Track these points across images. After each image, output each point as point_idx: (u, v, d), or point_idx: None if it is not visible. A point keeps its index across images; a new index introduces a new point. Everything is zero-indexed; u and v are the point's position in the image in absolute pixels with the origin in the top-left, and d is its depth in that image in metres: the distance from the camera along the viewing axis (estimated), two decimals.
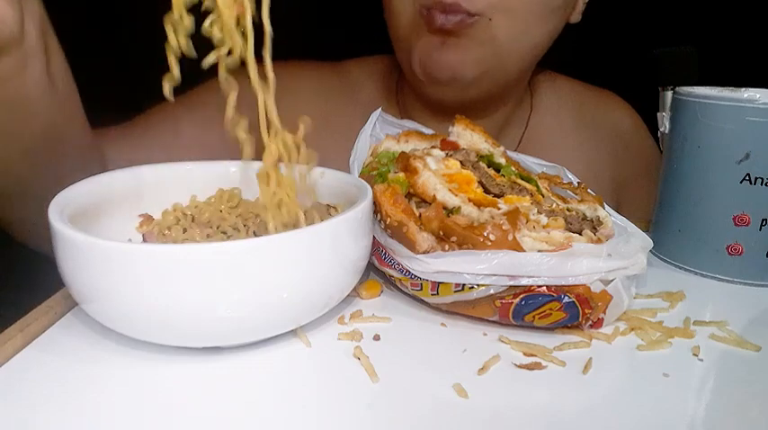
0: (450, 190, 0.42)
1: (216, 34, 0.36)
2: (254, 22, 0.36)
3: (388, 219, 0.40)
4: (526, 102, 0.75)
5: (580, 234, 0.41)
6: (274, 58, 0.36)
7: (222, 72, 0.36)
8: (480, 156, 0.48)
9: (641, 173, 0.76)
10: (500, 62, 0.61)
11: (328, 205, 0.45)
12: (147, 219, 0.44)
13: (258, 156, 0.39)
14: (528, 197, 0.44)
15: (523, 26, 0.59)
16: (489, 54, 0.59)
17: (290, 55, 0.75)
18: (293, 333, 0.38)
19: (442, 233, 0.39)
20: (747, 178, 0.46)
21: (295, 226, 0.40)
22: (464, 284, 0.38)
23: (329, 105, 0.72)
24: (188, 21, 0.35)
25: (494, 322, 0.40)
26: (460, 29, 0.57)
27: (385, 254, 0.42)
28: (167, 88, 0.35)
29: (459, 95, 0.64)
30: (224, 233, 0.43)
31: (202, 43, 0.36)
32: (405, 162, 0.43)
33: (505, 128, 0.73)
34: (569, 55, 0.72)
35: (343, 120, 0.70)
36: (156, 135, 0.65)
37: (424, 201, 0.42)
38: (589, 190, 0.47)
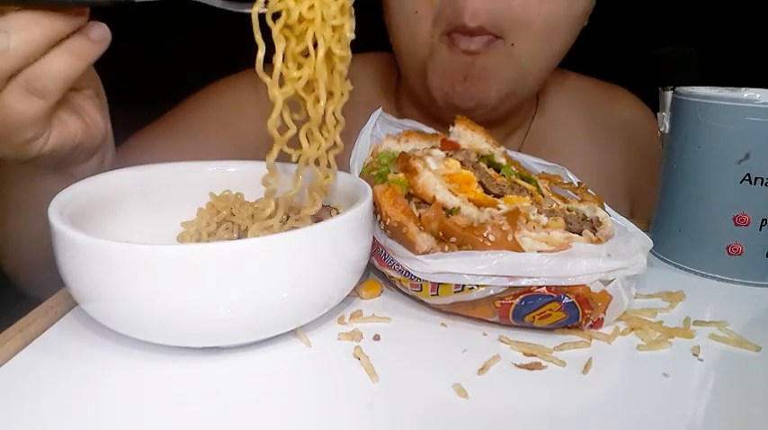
0: (449, 190, 0.42)
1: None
2: None
3: (388, 220, 0.40)
4: (532, 102, 0.73)
5: (580, 234, 0.41)
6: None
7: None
8: (480, 157, 0.48)
9: (656, 172, 0.74)
10: (523, 81, 0.61)
11: (329, 206, 0.45)
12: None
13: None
14: (528, 197, 0.44)
15: (546, 44, 0.59)
16: (512, 77, 0.59)
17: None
18: (293, 333, 0.38)
19: (441, 234, 0.39)
20: (747, 178, 0.46)
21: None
22: (464, 285, 0.38)
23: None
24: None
25: (494, 322, 0.40)
26: (485, 50, 0.56)
27: (385, 254, 0.42)
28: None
29: (478, 118, 0.59)
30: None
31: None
32: (405, 162, 0.43)
33: (510, 131, 0.72)
34: (569, 55, 0.71)
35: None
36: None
37: (424, 202, 0.42)
38: (589, 190, 0.47)
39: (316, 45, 0.36)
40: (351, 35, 0.37)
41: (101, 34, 0.37)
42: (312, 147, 0.39)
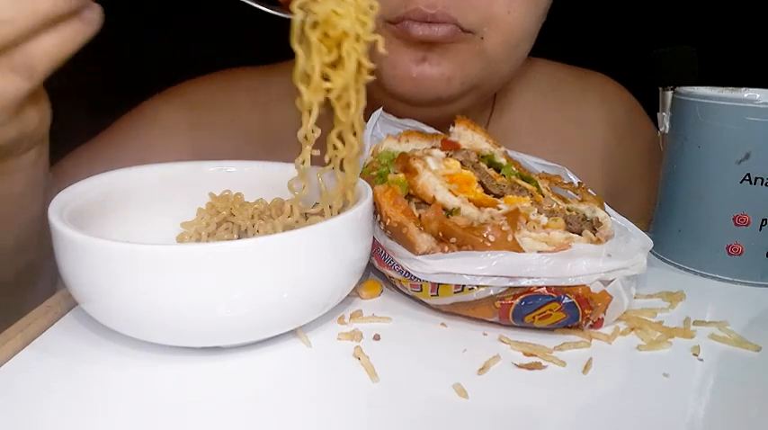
0: (449, 190, 0.42)
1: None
2: None
3: (388, 220, 0.40)
4: (488, 102, 0.65)
5: (580, 234, 0.41)
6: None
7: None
8: (481, 157, 0.48)
9: (639, 169, 0.67)
10: (489, 77, 0.55)
11: (329, 206, 0.45)
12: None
13: None
14: (528, 197, 0.44)
15: (516, 40, 0.53)
16: (478, 69, 0.53)
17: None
18: (293, 333, 0.38)
19: (441, 234, 0.39)
20: (747, 178, 0.46)
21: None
22: (464, 285, 0.38)
23: (269, 115, 0.65)
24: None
25: (494, 322, 0.40)
26: (450, 42, 0.50)
27: (385, 255, 0.42)
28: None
29: (435, 115, 0.54)
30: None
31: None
32: (404, 163, 0.43)
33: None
34: (569, 54, 0.72)
35: (285, 130, 0.61)
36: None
37: (424, 202, 0.42)
38: (589, 190, 0.47)
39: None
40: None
41: (92, 17, 0.34)
42: (347, 149, 0.40)
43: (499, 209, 0.41)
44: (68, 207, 0.37)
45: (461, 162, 0.45)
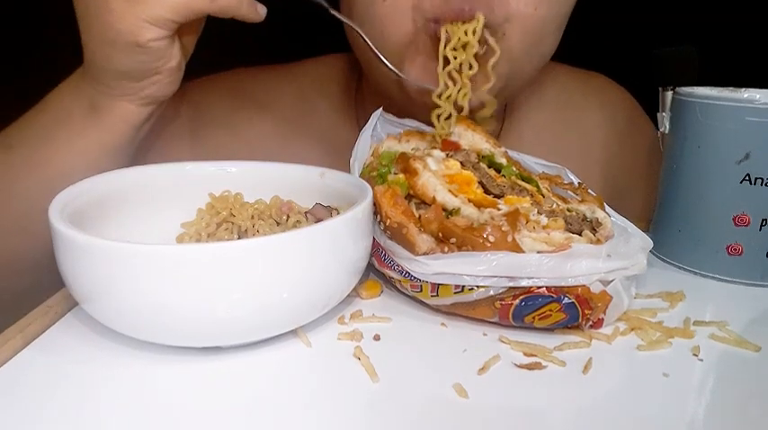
0: (449, 191, 0.42)
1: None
2: None
3: (388, 221, 0.40)
4: (499, 116, 0.66)
5: (580, 235, 0.41)
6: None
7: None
8: (481, 157, 0.48)
9: (639, 171, 0.67)
10: (512, 79, 0.54)
11: (329, 206, 0.45)
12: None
13: None
14: (528, 198, 0.44)
15: (538, 38, 0.53)
16: (503, 73, 0.52)
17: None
18: (293, 333, 0.38)
19: (441, 235, 0.39)
20: (747, 178, 0.46)
21: None
22: (464, 286, 0.38)
23: (284, 114, 0.65)
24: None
25: (494, 323, 0.40)
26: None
27: (385, 255, 0.42)
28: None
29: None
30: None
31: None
32: (404, 163, 0.43)
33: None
34: (569, 54, 0.71)
35: (300, 131, 0.64)
36: None
37: (424, 203, 0.42)
38: (590, 190, 0.47)
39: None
40: None
41: None
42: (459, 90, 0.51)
43: (499, 209, 0.41)
44: (68, 207, 0.37)
45: (461, 162, 0.45)
